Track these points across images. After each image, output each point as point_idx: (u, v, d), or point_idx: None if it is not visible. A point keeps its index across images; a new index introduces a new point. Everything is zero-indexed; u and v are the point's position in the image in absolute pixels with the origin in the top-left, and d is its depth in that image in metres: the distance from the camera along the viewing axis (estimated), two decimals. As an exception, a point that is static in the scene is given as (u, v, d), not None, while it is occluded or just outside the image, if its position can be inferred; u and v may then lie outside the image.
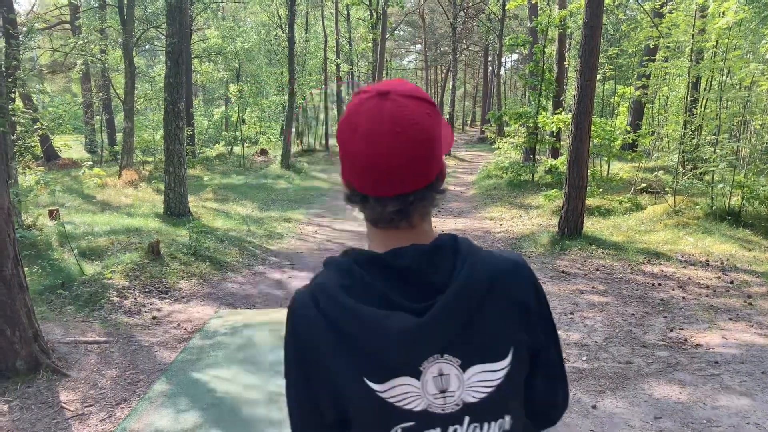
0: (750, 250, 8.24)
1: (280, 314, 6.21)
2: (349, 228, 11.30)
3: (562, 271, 7.65)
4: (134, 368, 4.83)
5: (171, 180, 10.94)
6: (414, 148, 0.93)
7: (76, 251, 7.45)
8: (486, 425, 0.99)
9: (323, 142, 28.51)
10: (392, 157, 0.92)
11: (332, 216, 12.69)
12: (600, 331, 5.54)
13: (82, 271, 6.96)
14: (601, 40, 9.58)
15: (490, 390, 0.98)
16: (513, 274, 1.03)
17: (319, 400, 0.98)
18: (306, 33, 29.13)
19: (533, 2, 18.56)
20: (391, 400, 0.94)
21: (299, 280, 7.63)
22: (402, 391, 0.94)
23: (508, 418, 1.01)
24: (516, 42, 15.95)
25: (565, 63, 18.18)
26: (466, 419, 0.97)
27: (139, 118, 19.58)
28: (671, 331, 5.49)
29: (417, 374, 0.94)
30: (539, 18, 16.18)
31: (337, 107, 33.91)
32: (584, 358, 4.91)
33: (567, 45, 19.42)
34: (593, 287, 6.92)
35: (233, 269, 8.13)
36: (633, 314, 5.97)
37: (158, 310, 6.36)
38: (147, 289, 6.86)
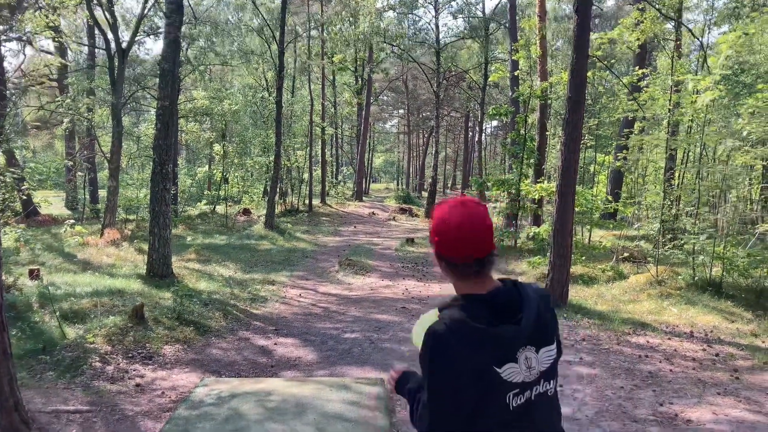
0: (733, 321, 8.34)
1: (267, 384, 6.07)
2: (334, 291, 11.24)
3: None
4: (117, 440, 4.68)
5: (155, 241, 10.83)
6: (487, 230, 1.67)
7: (57, 314, 7.31)
8: (551, 382, 1.72)
9: (306, 202, 28.64)
10: (477, 236, 1.65)
11: (316, 278, 12.64)
12: (590, 404, 5.52)
13: (64, 334, 6.81)
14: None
15: (551, 361, 1.71)
16: (546, 297, 1.77)
17: (462, 392, 1.55)
18: (292, 96, 29.67)
19: (515, 74, 19.18)
20: (505, 377, 1.58)
21: (284, 347, 7.52)
22: (510, 371, 1.58)
23: (557, 378, 1.77)
24: (499, 111, 16.39)
25: (547, 132, 18.66)
26: (542, 381, 1.67)
27: (123, 175, 19.56)
28: (661, 405, 5.48)
29: (515, 360, 1.60)
30: (521, 89, 16.72)
31: (321, 167, 34.31)
32: (576, 434, 4.87)
33: (548, 114, 19.99)
34: (581, 358, 6.92)
35: (217, 334, 8.01)
36: (622, 387, 5.96)
37: (141, 376, 6.21)
38: (130, 355, 6.71)
